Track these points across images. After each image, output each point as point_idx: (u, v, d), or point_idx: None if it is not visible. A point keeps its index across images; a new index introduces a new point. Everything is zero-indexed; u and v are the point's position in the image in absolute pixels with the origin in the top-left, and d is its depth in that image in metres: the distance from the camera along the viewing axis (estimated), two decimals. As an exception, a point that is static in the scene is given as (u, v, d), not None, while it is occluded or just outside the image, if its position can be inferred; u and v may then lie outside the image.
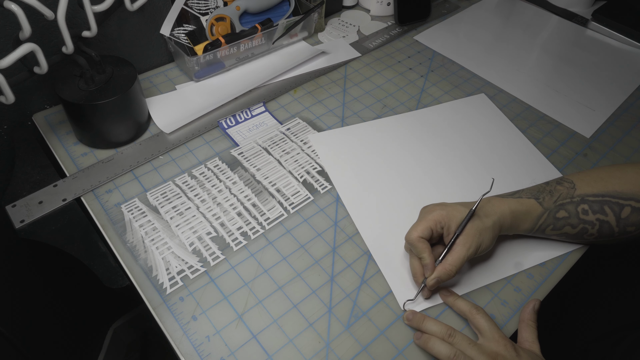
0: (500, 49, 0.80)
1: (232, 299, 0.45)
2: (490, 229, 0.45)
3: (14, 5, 0.41)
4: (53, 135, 0.59)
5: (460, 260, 0.43)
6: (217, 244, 0.49)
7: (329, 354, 0.42)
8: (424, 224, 0.45)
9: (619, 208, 0.46)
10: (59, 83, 0.53)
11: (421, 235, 0.45)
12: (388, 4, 0.84)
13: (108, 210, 0.51)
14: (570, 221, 0.47)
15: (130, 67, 0.56)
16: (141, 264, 0.47)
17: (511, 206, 0.47)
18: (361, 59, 0.75)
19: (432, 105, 0.67)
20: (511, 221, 0.47)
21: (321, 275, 0.48)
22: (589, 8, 0.90)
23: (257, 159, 0.58)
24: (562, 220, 0.47)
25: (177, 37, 0.67)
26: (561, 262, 0.50)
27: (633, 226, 0.47)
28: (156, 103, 0.64)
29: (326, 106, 0.66)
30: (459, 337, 0.41)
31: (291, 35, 0.75)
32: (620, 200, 0.46)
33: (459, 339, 0.41)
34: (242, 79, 0.69)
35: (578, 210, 0.47)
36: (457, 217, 0.45)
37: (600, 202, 0.46)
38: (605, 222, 0.47)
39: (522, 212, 0.47)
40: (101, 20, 0.52)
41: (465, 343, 0.41)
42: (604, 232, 0.47)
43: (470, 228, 0.44)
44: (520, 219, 0.47)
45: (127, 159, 0.56)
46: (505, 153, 0.61)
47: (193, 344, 0.42)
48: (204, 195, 0.53)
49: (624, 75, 0.76)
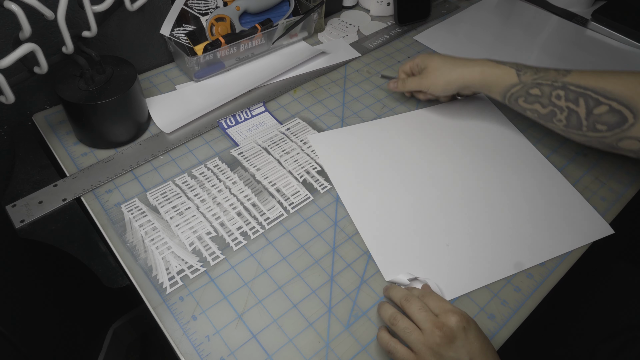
0: (500, 49, 0.80)
1: (232, 299, 0.45)
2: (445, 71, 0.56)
3: (14, 5, 0.41)
4: (53, 135, 0.59)
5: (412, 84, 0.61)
6: (217, 243, 0.49)
7: (329, 354, 0.42)
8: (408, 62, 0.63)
9: (594, 103, 0.46)
10: (59, 83, 0.53)
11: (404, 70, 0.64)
12: (388, 4, 0.84)
13: (108, 210, 0.51)
14: (541, 100, 0.50)
15: (130, 67, 0.56)
16: (141, 263, 0.47)
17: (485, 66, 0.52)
18: (361, 59, 0.75)
19: (432, 105, 0.67)
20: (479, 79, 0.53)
21: (321, 275, 0.48)
22: (589, 8, 0.90)
23: (257, 159, 0.58)
24: (533, 97, 0.50)
25: (177, 37, 0.67)
26: (561, 262, 0.50)
27: (605, 125, 0.46)
28: (156, 103, 0.64)
29: (326, 106, 0.66)
30: (414, 301, 0.41)
31: (291, 36, 0.75)
32: (601, 97, 0.46)
33: (412, 302, 0.41)
34: (242, 79, 0.69)
35: (552, 94, 0.49)
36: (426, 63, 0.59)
37: (577, 93, 0.47)
38: (574, 111, 0.48)
39: (494, 75, 0.51)
40: (101, 20, 0.52)
41: (416, 307, 0.41)
42: (572, 122, 0.49)
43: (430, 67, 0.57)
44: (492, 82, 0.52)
45: (127, 159, 0.57)
46: (505, 153, 0.61)
47: (193, 344, 0.42)
48: (203, 195, 0.53)
49: (623, 75, 0.76)
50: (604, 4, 0.90)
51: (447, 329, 0.38)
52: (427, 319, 0.39)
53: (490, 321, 0.45)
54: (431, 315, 0.40)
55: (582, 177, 0.59)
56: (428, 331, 0.39)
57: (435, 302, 0.41)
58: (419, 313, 0.40)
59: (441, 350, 0.37)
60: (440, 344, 0.38)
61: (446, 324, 0.38)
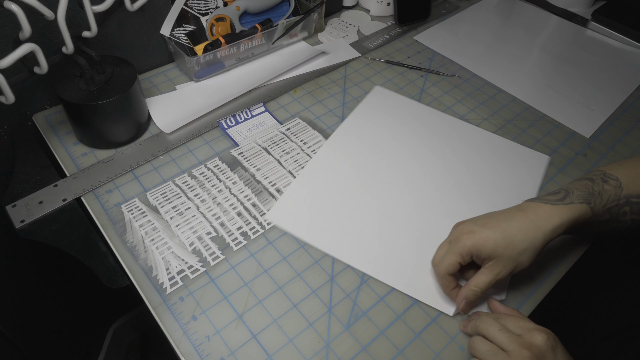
0: (500, 49, 0.80)
1: (232, 299, 0.45)
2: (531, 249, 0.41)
3: (14, 5, 0.41)
4: (53, 135, 0.59)
5: (487, 285, 0.42)
6: (217, 243, 0.49)
7: (329, 354, 0.42)
8: (451, 259, 0.43)
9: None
10: (59, 83, 0.53)
11: (448, 271, 0.43)
12: (388, 4, 0.84)
13: (108, 210, 0.51)
14: (609, 222, 0.46)
15: (130, 67, 0.56)
16: (141, 263, 0.47)
17: (563, 217, 0.42)
18: (361, 59, 0.75)
19: (432, 104, 0.67)
20: (561, 232, 0.43)
21: (321, 275, 0.48)
22: (589, 8, 0.90)
23: (257, 159, 0.58)
24: (602, 222, 0.45)
25: (177, 37, 0.67)
26: (561, 262, 0.50)
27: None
28: (156, 103, 0.64)
29: (326, 106, 0.66)
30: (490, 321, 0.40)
31: (291, 36, 0.75)
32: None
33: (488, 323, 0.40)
34: (242, 79, 0.69)
35: (619, 212, 0.45)
36: (486, 247, 0.42)
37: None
38: (637, 220, 0.45)
39: (573, 220, 0.43)
40: (101, 20, 0.52)
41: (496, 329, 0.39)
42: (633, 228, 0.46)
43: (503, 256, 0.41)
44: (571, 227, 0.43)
45: (127, 159, 0.57)
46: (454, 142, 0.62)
47: (193, 344, 0.42)
48: (204, 195, 0.53)
49: (623, 75, 0.76)
50: (604, 4, 0.90)
51: (536, 348, 0.37)
52: (512, 339, 0.38)
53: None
54: (514, 335, 0.38)
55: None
56: (515, 353, 0.37)
57: (514, 321, 0.40)
58: (501, 335, 0.38)
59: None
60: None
61: (534, 344, 0.37)
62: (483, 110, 0.67)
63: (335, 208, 0.53)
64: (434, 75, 0.73)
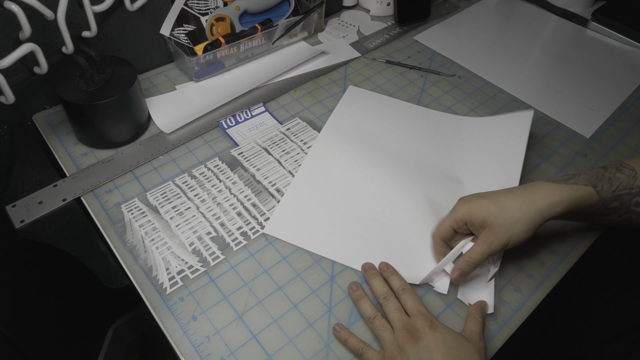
0: (500, 49, 0.80)
1: (232, 299, 0.45)
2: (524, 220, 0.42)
3: (14, 6, 0.41)
4: (53, 135, 0.59)
5: (480, 256, 0.43)
6: (217, 244, 0.49)
7: (329, 354, 0.42)
8: (445, 224, 0.46)
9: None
10: (59, 83, 0.53)
11: (441, 236, 0.46)
12: (388, 4, 0.84)
13: (108, 210, 0.51)
14: (619, 211, 0.45)
15: (130, 67, 0.56)
16: (141, 264, 0.47)
17: (563, 194, 0.43)
18: (361, 59, 0.75)
19: (431, 104, 0.67)
20: (561, 209, 0.43)
21: (321, 275, 0.48)
22: (589, 8, 0.90)
23: (257, 159, 0.58)
24: (611, 210, 0.45)
25: (177, 37, 0.67)
26: (561, 262, 0.50)
27: None
28: (156, 103, 0.64)
29: (326, 106, 0.66)
30: (392, 301, 0.43)
31: (291, 36, 0.75)
32: None
33: (390, 302, 0.43)
34: (242, 79, 0.69)
35: (632, 202, 0.45)
36: (478, 214, 0.43)
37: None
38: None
39: (575, 199, 0.43)
40: (101, 20, 0.52)
41: (392, 308, 0.43)
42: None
43: (495, 223, 0.42)
44: (573, 207, 0.43)
45: (127, 159, 0.56)
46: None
47: (193, 344, 0.42)
48: (203, 195, 0.53)
49: (623, 75, 0.76)
50: (604, 4, 0.90)
51: (415, 330, 0.41)
52: (400, 319, 0.42)
53: (490, 321, 0.45)
54: (404, 316, 0.42)
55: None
56: (398, 331, 0.41)
57: (411, 302, 0.43)
58: (394, 314, 0.42)
59: (406, 348, 0.40)
60: (406, 342, 0.40)
61: (414, 325, 0.41)
62: (483, 110, 0.67)
63: (330, 212, 0.53)
64: (434, 75, 0.73)
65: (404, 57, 0.76)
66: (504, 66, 0.76)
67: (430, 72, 0.73)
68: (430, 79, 0.72)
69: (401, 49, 0.78)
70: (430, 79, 0.72)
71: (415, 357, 0.39)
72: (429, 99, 0.69)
